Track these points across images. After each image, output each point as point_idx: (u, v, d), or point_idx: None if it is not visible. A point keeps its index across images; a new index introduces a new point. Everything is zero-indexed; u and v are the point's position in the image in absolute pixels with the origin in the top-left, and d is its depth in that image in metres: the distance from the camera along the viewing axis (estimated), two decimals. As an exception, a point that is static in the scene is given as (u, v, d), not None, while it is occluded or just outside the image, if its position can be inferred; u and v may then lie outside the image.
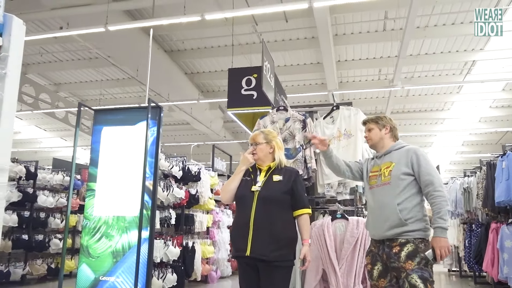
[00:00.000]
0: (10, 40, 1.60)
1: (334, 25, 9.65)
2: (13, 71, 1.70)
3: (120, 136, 5.53)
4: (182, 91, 12.18)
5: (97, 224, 5.30)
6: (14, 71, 1.71)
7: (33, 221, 7.60)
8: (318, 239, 3.48)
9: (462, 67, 11.56)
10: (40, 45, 10.73)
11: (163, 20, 7.27)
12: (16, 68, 1.72)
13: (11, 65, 1.67)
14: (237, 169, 2.86)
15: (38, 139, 19.68)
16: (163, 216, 6.49)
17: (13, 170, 7.04)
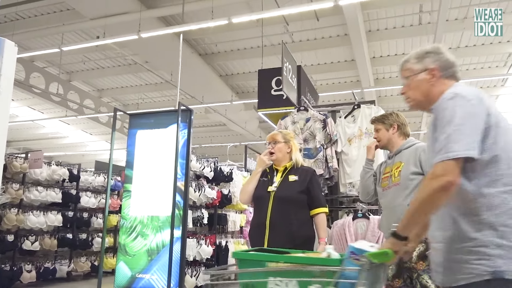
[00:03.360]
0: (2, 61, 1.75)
1: (366, 21, 9.51)
2: (5, 89, 1.86)
3: (153, 139, 5.75)
4: (216, 93, 12.41)
5: (133, 223, 5.54)
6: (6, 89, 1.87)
7: (77, 221, 8.02)
8: (339, 238, 3.48)
9: (506, 58, 11.01)
10: (83, 54, 11.31)
11: (192, 25, 7.47)
12: (8, 87, 1.88)
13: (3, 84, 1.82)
14: (254, 171, 2.92)
15: (85, 142, 20.66)
16: (195, 216, 6.65)
17: (57, 173, 7.46)
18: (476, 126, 1.44)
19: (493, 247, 1.39)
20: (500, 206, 1.42)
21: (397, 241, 1.55)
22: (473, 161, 1.43)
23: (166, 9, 8.58)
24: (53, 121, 16.63)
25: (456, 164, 1.40)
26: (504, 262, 1.36)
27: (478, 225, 1.43)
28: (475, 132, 1.43)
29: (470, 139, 1.42)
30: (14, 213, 6.62)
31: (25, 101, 15.15)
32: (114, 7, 8.32)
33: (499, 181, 1.45)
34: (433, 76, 1.69)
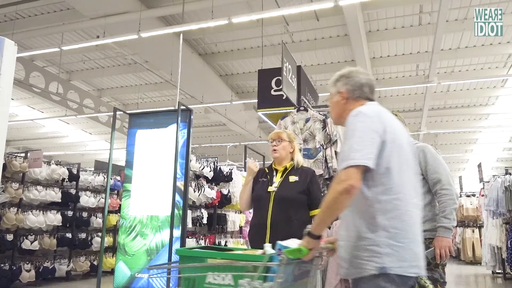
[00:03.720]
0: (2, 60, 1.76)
1: (367, 21, 9.52)
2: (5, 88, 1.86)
3: (153, 139, 5.76)
4: (216, 93, 12.41)
5: (133, 223, 5.54)
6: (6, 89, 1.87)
7: (76, 220, 8.02)
8: (339, 238, 3.48)
9: (506, 59, 11.02)
10: (82, 53, 11.30)
11: (192, 25, 7.48)
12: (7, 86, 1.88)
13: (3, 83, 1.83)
14: (245, 180, 2.94)
15: (84, 142, 20.66)
16: (195, 216, 6.66)
17: (56, 172, 7.46)
18: (373, 140, 1.66)
19: (383, 246, 1.61)
20: (392, 211, 1.65)
21: (311, 240, 1.76)
22: (370, 170, 1.64)
23: (166, 8, 8.58)
24: (52, 121, 16.63)
25: (357, 170, 1.60)
26: (390, 260, 1.58)
27: (373, 227, 1.64)
28: (372, 145, 1.65)
29: (368, 150, 1.63)
30: (14, 212, 6.62)
31: (24, 100, 15.15)
32: (114, 7, 8.32)
33: (392, 190, 1.67)
34: (343, 98, 1.94)
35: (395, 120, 1.85)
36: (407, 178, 1.73)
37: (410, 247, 1.63)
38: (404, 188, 1.70)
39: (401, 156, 1.73)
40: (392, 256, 1.60)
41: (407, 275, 1.60)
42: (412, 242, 1.65)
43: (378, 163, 1.66)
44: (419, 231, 1.72)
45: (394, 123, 1.79)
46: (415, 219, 1.71)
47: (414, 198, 1.74)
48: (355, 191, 1.60)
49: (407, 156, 1.77)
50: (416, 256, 1.65)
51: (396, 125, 1.80)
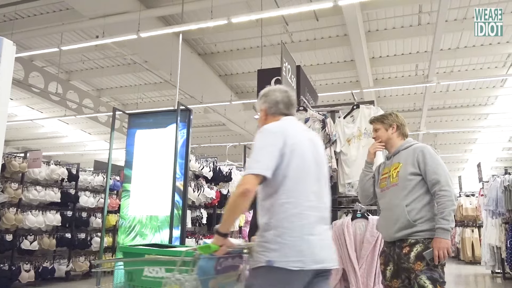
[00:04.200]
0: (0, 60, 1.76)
1: (366, 21, 9.52)
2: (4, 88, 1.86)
3: (152, 139, 5.75)
4: (215, 93, 12.40)
5: (132, 223, 5.53)
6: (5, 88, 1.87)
7: (76, 220, 8.02)
8: (338, 238, 3.48)
9: (505, 59, 11.03)
10: (82, 53, 11.30)
11: (191, 25, 7.48)
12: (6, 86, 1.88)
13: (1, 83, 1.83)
14: None
15: (84, 142, 20.65)
16: (194, 216, 6.66)
17: (56, 172, 7.46)
18: (272, 153, 1.93)
19: (272, 243, 1.88)
20: (282, 213, 1.92)
21: (219, 237, 1.95)
22: (268, 179, 1.91)
23: (165, 8, 8.58)
24: (52, 121, 16.61)
25: (254, 177, 1.87)
26: (276, 255, 1.86)
27: (267, 226, 1.94)
28: (270, 158, 1.92)
29: (265, 162, 1.91)
30: (13, 212, 6.62)
31: (24, 100, 15.13)
32: (113, 7, 8.31)
33: (284, 194, 1.94)
34: (265, 114, 2.23)
35: (303, 133, 2.13)
36: (304, 184, 1.98)
37: (295, 244, 1.88)
38: (297, 193, 1.95)
39: (300, 166, 1.98)
40: (278, 251, 1.86)
41: (290, 269, 1.83)
42: (299, 240, 1.89)
43: (277, 172, 1.94)
44: (313, 230, 1.94)
45: (299, 137, 2.05)
46: (309, 220, 1.94)
47: (312, 202, 1.98)
48: (250, 194, 1.86)
49: (308, 165, 2.02)
50: (302, 253, 1.87)
51: (301, 138, 2.06)
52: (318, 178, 2.05)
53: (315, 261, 1.89)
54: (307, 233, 1.92)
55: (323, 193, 2.08)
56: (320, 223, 2.00)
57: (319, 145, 2.19)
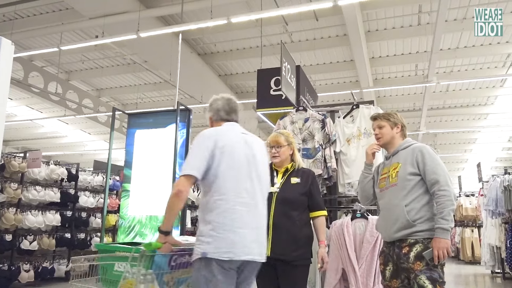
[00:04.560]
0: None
1: (366, 21, 9.52)
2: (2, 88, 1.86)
3: (152, 139, 5.74)
4: (215, 93, 12.05)
5: (132, 223, 5.52)
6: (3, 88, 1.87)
7: (75, 220, 8.01)
8: (338, 238, 3.47)
9: (505, 59, 11.02)
10: (81, 53, 11.29)
11: (191, 25, 7.47)
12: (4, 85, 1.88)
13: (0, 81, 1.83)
14: None
15: (84, 142, 20.64)
16: (194, 216, 6.66)
17: (55, 172, 7.45)
18: (202, 155, 2.17)
19: (207, 236, 2.10)
20: (216, 209, 2.13)
21: (161, 235, 2.19)
22: (204, 179, 2.17)
23: (165, 8, 8.57)
24: (51, 121, 16.60)
25: (185, 179, 2.12)
26: (209, 247, 2.07)
27: (204, 221, 2.16)
28: (201, 160, 2.16)
29: (196, 164, 2.15)
30: (12, 212, 6.62)
31: (23, 100, 15.12)
32: (113, 7, 8.31)
33: (217, 192, 2.16)
34: (211, 121, 2.53)
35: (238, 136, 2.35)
36: (235, 182, 2.20)
37: (227, 236, 2.09)
38: (229, 190, 2.17)
39: (230, 165, 2.20)
40: (211, 244, 2.09)
41: (222, 259, 2.06)
42: (231, 233, 2.10)
43: (209, 172, 2.18)
44: (244, 224, 2.15)
45: (232, 139, 2.29)
46: (240, 214, 2.16)
47: (244, 198, 2.19)
48: (183, 194, 2.11)
49: (238, 165, 2.23)
50: (233, 245, 2.09)
51: (234, 140, 2.30)
52: (250, 176, 2.27)
53: (245, 253, 2.12)
54: (238, 227, 2.13)
55: (256, 190, 2.28)
56: (252, 221, 2.21)
57: (256, 147, 2.39)
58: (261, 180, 2.32)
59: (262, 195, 2.33)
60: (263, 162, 2.40)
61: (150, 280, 2.29)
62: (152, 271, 2.28)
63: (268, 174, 2.47)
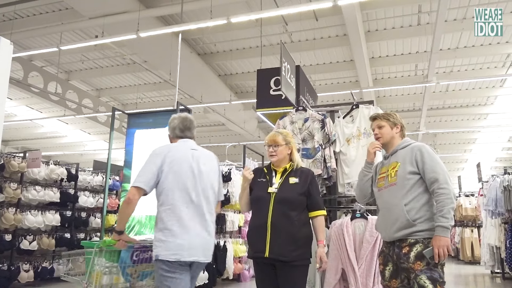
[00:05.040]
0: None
1: (366, 21, 9.53)
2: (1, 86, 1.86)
3: (151, 138, 5.73)
4: (215, 93, 12.40)
5: (131, 223, 5.51)
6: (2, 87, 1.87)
7: (75, 220, 8.01)
8: (337, 238, 3.47)
9: (505, 59, 11.03)
10: (81, 53, 11.29)
11: (191, 24, 7.47)
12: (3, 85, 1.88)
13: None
14: (242, 187, 2.94)
15: (83, 142, 20.63)
16: (194, 216, 6.64)
17: (55, 172, 7.45)
18: (151, 171, 2.55)
19: (159, 241, 2.50)
20: (166, 217, 2.53)
21: (116, 234, 2.65)
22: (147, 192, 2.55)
23: (165, 8, 8.57)
24: (51, 121, 16.59)
25: (135, 189, 2.51)
26: (160, 250, 2.48)
27: (157, 229, 2.57)
28: (150, 174, 2.54)
29: (144, 178, 2.54)
30: (12, 212, 6.61)
31: (23, 100, 15.12)
32: (112, 7, 8.31)
33: (166, 203, 2.55)
34: (170, 139, 2.89)
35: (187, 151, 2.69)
36: (181, 194, 2.56)
37: (174, 241, 2.47)
38: (176, 201, 2.54)
39: (176, 179, 2.57)
40: (161, 247, 2.48)
41: (169, 260, 2.45)
42: (178, 239, 2.48)
43: (158, 185, 2.57)
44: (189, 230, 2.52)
45: (180, 155, 2.65)
46: (186, 222, 2.52)
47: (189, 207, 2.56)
48: (132, 202, 2.50)
49: (184, 178, 2.59)
50: (180, 248, 2.47)
51: (182, 156, 2.65)
52: (195, 187, 2.61)
53: (190, 255, 2.49)
54: (184, 233, 2.50)
55: (201, 199, 2.63)
56: (196, 226, 2.56)
57: (203, 160, 2.74)
58: (205, 190, 2.68)
59: (208, 203, 2.68)
60: (208, 173, 2.74)
61: (115, 272, 2.82)
62: (117, 264, 2.79)
63: (216, 182, 2.81)
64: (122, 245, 2.69)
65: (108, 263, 2.80)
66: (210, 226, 2.64)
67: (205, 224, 2.60)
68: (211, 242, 2.66)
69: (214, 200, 2.75)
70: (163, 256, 2.46)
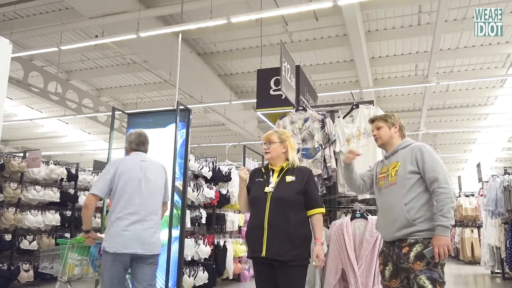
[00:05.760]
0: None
1: (366, 21, 9.52)
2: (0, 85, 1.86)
3: (151, 138, 5.69)
4: (215, 93, 12.40)
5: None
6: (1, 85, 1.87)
7: (75, 220, 7.99)
8: (337, 238, 3.47)
9: (505, 59, 11.03)
10: (81, 53, 11.29)
11: (191, 24, 7.47)
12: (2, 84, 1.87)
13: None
14: (239, 187, 2.93)
15: (84, 142, 20.64)
16: (193, 216, 6.64)
17: (55, 172, 7.45)
18: (104, 179, 3.10)
19: (106, 236, 3.04)
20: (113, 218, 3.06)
21: (84, 233, 3.25)
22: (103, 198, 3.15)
23: (165, 8, 8.57)
24: (51, 120, 16.60)
25: (91, 196, 3.06)
26: (105, 243, 3.01)
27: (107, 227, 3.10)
28: (103, 183, 3.09)
29: (99, 186, 3.08)
30: (12, 212, 6.61)
31: (23, 100, 15.12)
32: (112, 6, 8.30)
33: (114, 206, 3.10)
34: (126, 150, 3.42)
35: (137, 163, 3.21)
36: (127, 198, 3.07)
37: (112, 237, 3.00)
38: (121, 205, 3.06)
39: (124, 187, 3.09)
40: (107, 241, 3.01)
41: (109, 252, 2.99)
42: (117, 235, 3.00)
43: (112, 192, 3.11)
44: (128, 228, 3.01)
45: (130, 166, 3.17)
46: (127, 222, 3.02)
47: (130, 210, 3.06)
48: (89, 206, 3.06)
49: (131, 186, 3.11)
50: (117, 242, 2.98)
51: (132, 167, 3.17)
52: (141, 194, 3.12)
53: (126, 248, 2.98)
54: (123, 230, 3.00)
55: (146, 203, 3.13)
56: (137, 224, 3.05)
57: (150, 169, 3.25)
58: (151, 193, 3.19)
59: (153, 204, 3.19)
60: (155, 180, 3.26)
61: (85, 264, 3.55)
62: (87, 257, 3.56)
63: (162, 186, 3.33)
64: (90, 242, 3.32)
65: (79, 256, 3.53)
66: (152, 223, 3.15)
67: (146, 222, 3.10)
68: (152, 237, 3.13)
69: (159, 201, 3.29)
70: (106, 248, 3.00)
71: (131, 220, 3.02)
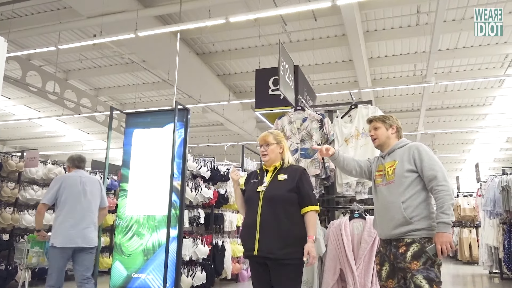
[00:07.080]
0: None
1: (364, 21, 9.53)
2: (-4, 83, 1.85)
3: (150, 138, 5.72)
4: (213, 93, 12.38)
5: (129, 223, 5.50)
6: (-3, 83, 1.85)
7: (73, 220, 7.98)
8: (336, 238, 3.47)
9: (503, 60, 11.04)
10: (79, 52, 11.26)
11: (189, 24, 7.45)
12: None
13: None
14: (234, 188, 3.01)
15: (82, 141, 20.60)
16: (192, 216, 6.64)
17: (53, 171, 7.43)
18: (52, 192, 4.04)
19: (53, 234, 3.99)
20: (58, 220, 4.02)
21: (35, 230, 4.23)
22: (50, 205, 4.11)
23: (163, 7, 8.56)
24: (49, 120, 16.56)
25: (41, 204, 4.05)
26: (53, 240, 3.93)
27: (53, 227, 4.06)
28: (51, 194, 4.03)
29: (48, 197, 4.03)
30: (10, 212, 6.59)
31: (21, 99, 15.08)
32: (111, 6, 8.28)
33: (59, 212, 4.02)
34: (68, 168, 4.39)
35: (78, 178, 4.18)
36: (69, 205, 4.02)
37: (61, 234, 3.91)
38: (65, 210, 4.00)
39: (67, 197, 4.03)
40: (54, 238, 3.91)
41: (58, 246, 3.88)
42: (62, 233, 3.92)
43: (57, 201, 4.03)
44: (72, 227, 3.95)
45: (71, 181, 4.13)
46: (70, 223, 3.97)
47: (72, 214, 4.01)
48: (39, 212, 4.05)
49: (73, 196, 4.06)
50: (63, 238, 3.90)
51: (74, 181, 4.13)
52: (81, 202, 4.08)
53: (69, 243, 3.91)
54: (67, 229, 3.93)
55: (85, 209, 4.09)
56: (78, 225, 3.99)
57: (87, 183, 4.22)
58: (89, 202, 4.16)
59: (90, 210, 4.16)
60: (92, 191, 4.23)
61: (41, 255, 4.75)
62: (42, 250, 4.76)
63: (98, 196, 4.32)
64: (41, 238, 4.27)
65: (36, 249, 4.78)
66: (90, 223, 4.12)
67: (85, 222, 4.06)
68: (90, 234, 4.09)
69: (96, 208, 4.27)
70: (53, 244, 3.89)
71: (73, 222, 3.97)
